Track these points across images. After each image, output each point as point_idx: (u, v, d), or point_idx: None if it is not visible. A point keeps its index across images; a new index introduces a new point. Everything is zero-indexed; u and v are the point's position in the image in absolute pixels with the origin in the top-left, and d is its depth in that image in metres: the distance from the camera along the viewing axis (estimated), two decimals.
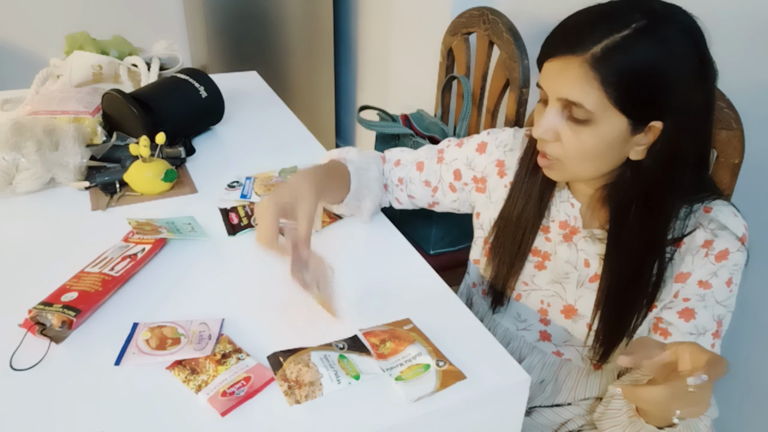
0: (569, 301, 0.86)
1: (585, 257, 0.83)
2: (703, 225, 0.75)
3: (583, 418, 0.91)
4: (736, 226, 0.75)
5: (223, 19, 2.47)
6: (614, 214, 0.77)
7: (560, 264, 0.86)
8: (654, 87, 0.67)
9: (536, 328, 0.92)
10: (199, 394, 0.64)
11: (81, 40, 1.44)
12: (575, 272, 0.85)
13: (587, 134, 0.70)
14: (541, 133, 0.73)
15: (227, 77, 1.75)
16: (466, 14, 1.55)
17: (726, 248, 0.74)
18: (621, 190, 0.76)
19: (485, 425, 0.70)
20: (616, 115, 0.68)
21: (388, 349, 0.71)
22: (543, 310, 0.90)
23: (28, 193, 1.06)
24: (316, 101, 2.80)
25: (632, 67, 0.66)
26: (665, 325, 0.79)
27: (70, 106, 1.25)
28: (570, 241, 0.84)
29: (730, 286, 0.76)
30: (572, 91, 0.68)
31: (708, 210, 0.76)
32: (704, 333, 0.77)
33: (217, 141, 1.32)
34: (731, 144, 0.86)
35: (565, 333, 0.89)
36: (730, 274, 0.75)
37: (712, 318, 0.77)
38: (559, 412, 0.93)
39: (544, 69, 0.72)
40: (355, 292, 0.83)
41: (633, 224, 0.75)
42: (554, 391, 0.93)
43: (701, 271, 0.75)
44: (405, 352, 0.70)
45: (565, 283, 0.86)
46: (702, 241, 0.75)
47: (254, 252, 0.92)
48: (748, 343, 1.13)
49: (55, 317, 0.71)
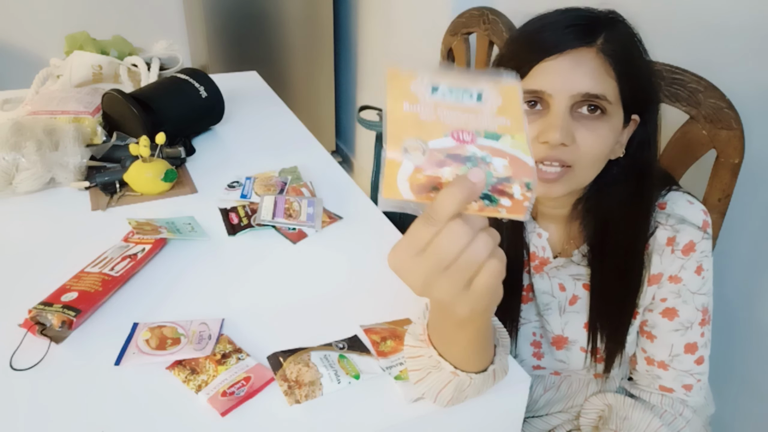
0: (556, 332, 0.84)
1: (558, 281, 0.82)
2: (661, 223, 0.74)
3: (571, 423, 0.91)
4: (694, 215, 0.74)
5: (223, 19, 2.47)
6: (597, 225, 0.76)
7: (540, 296, 0.84)
8: (641, 75, 0.68)
9: (529, 363, 0.89)
10: (199, 394, 0.64)
11: (81, 40, 1.44)
12: (554, 300, 0.83)
13: (605, 128, 0.66)
14: (561, 137, 0.64)
15: (227, 77, 1.76)
16: (466, 14, 1.55)
17: (690, 240, 0.74)
18: (604, 193, 0.73)
19: (485, 425, 0.70)
20: (620, 108, 0.68)
21: (389, 348, 0.71)
22: (536, 343, 0.87)
23: (28, 193, 1.06)
24: (316, 101, 2.81)
25: (628, 55, 0.67)
26: (649, 328, 0.80)
27: (70, 106, 1.25)
28: (542, 272, 0.83)
29: (701, 273, 0.75)
30: (593, 84, 0.64)
31: (663, 206, 0.75)
32: (690, 326, 0.77)
33: (217, 141, 1.32)
34: (731, 144, 0.86)
35: (559, 363, 0.87)
36: (698, 262, 0.75)
37: (694, 309, 0.76)
38: (548, 420, 0.92)
39: (541, 69, 0.66)
40: (355, 292, 0.83)
41: (618, 229, 0.74)
42: (550, 403, 0.92)
43: (671, 268, 0.75)
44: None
45: (547, 315, 0.84)
46: (665, 239, 0.74)
47: (254, 252, 0.92)
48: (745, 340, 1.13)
49: (55, 317, 0.71)
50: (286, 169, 1.16)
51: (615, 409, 0.82)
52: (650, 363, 0.80)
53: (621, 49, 0.66)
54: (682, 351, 0.78)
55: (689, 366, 0.78)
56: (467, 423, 0.68)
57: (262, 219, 0.97)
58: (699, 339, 0.77)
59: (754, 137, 0.93)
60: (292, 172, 1.15)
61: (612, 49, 0.65)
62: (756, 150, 0.98)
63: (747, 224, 1.07)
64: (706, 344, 0.78)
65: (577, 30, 0.66)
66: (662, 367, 0.79)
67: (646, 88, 0.69)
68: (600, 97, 0.65)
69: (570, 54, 0.65)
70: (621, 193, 0.73)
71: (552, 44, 0.66)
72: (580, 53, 0.65)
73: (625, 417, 0.80)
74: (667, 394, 0.80)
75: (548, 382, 0.91)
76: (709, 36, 0.93)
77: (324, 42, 2.69)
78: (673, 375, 0.79)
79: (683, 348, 0.78)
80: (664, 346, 0.78)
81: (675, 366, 0.78)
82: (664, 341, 0.78)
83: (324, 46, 2.70)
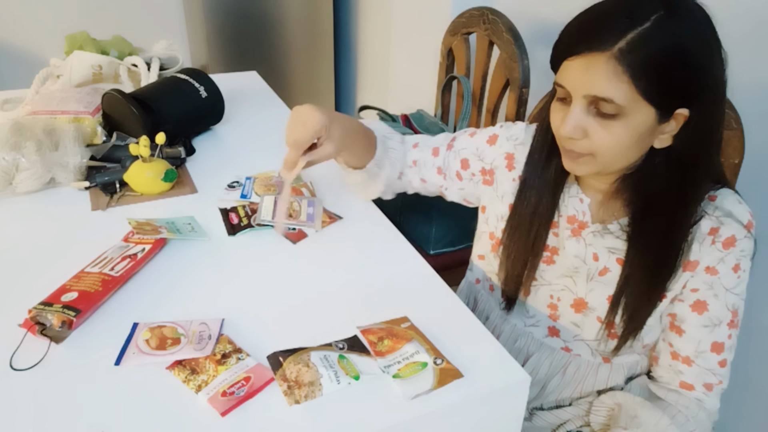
0: (580, 295, 0.86)
1: (594, 251, 0.83)
2: (708, 213, 0.75)
3: (582, 419, 0.91)
4: (741, 212, 0.75)
5: (223, 19, 2.47)
6: (639, 204, 0.77)
7: (569, 258, 0.85)
8: (680, 76, 0.67)
9: (545, 323, 0.91)
10: (199, 394, 0.64)
11: (81, 40, 1.44)
12: (584, 266, 0.84)
13: (619, 128, 0.70)
14: (569, 132, 0.72)
15: (227, 77, 1.76)
16: (466, 14, 1.55)
17: (732, 235, 0.75)
18: (646, 178, 0.75)
19: (485, 425, 0.70)
20: (645, 107, 0.69)
21: (386, 347, 0.71)
22: (552, 305, 0.90)
23: (28, 193, 1.06)
24: (316, 101, 2.78)
25: (659, 58, 0.66)
26: (679, 322, 0.80)
27: (70, 106, 1.25)
28: (579, 236, 0.84)
29: (737, 272, 0.76)
30: (601, 88, 0.68)
31: (713, 198, 0.76)
32: (719, 324, 0.77)
33: (217, 141, 1.32)
34: (731, 144, 0.86)
35: (574, 327, 0.88)
36: (737, 260, 0.76)
37: (725, 307, 0.77)
38: (558, 414, 0.93)
39: (564, 67, 0.72)
40: (354, 292, 0.83)
41: (660, 212, 0.75)
42: (558, 387, 0.93)
43: (708, 258, 0.76)
44: (403, 350, 0.71)
45: (575, 277, 0.86)
46: (708, 228, 0.75)
47: (254, 252, 0.92)
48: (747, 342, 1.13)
49: (55, 317, 0.71)
50: None
51: (625, 408, 0.82)
52: (675, 358, 0.81)
53: (648, 52, 0.65)
54: (709, 348, 0.78)
55: (713, 365, 0.79)
56: (467, 423, 0.68)
57: (262, 219, 0.97)
58: (726, 340, 0.78)
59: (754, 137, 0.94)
60: None
61: (631, 53, 0.65)
62: (756, 150, 0.98)
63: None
64: (731, 348, 0.79)
65: (598, 33, 0.68)
66: (686, 362, 0.80)
67: (690, 85, 0.68)
68: (607, 100, 0.68)
69: (585, 57, 0.68)
70: (664, 180, 0.74)
71: (572, 45, 0.70)
72: (593, 57, 0.68)
73: (634, 415, 0.80)
74: (686, 392, 0.80)
75: (556, 358, 0.92)
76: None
77: (324, 42, 2.69)
78: (696, 372, 0.79)
79: (710, 345, 0.78)
80: (692, 342, 0.79)
81: (699, 363, 0.79)
82: (691, 336, 0.79)
83: (324, 46, 2.70)
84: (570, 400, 0.93)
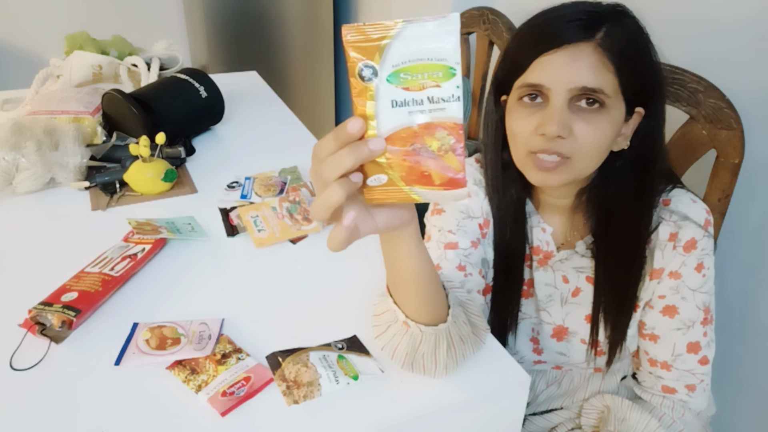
0: (557, 323, 0.85)
1: (562, 274, 0.83)
2: (664, 218, 0.75)
3: (573, 421, 0.91)
4: (697, 213, 0.75)
5: (223, 19, 2.47)
6: (600, 217, 0.76)
7: (541, 288, 0.84)
8: (645, 70, 0.68)
9: (529, 358, 0.89)
10: (199, 394, 0.64)
11: (81, 40, 1.44)
12: (556, 291, 0.84)
13: (604, 121, 0.67)
14: (558, 130, 0.66)
15: (227, 77, 1.76)
16: (466, 14, 1.55)
17: (692, 237, 0.74)
18: (604, 186, 0.75)
19: (485, 425, 0.70)
20: (620, 102, 0.68)
21: None
22: (534, 339, 0.88)
23: (28, 193, 1.06)
24: (316, 101, 2.80)
25: (632, 49, 0.67)
26: (650, 330, 0.80)
27: (70, 106, 1.25)
28: (546, 265, 0.83)
29: (701, 270, 0.76)
30: (590, 78, 0.65)
31: (667, 202, 0.76)
32: (692, 325, 0.77)
33: (217, 141, 1.32)
34: (731, 144, 0.86)
35: (559, 356, 0.87)
36: (699, 260, 0.75)
37: (695, 308, 0.76)
38: (550, 417, 0.92)
39: (538, 64, 0.68)
40: (354, 292, 0.83)
41: (620, 223, 0.75)
42: (551, 398, 0.92)
43: (672, 263, 0.76)
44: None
45: (549, 307, 0.85)
46: (667, 235, 0.75)
47: (254, 252, 0.92)
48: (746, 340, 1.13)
49: (55, 317, 0.71)
50: (286, 169, 1.16)
51: (613, 411, 0.82)
52: (653, 364, 0.81)
53: (622, 43, 0.66)
54: (685, 350, 0.78)
55: (692, 366, 0.78)
56: (467, 423, 0.68)
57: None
58: (702, 338, 0.77)
59: (754, 137, 0.94)
60: (291, 172, 1.15)
61: (612, 43, 0.66)
62: (756, 150, 0.98)
63: (747, 224, 1.07)
64: (709, 344, 0.78)
65: (576, 25, 0.67)
66: (665, 367, 0.79)
67: (650, 82, 0.69)
68: (597, 91, 0.66)
69: (568, 49, 0.66)
70: (624, 184, 0.74)
71: (551, 39, 0.67)
72: (578, 48, 0.66)
73: (623, 419, 0.80)
74: (669, 395, 0.80)
75: (550, 376, 0.92)
76: (709, 36, 0.93)
77: (324, 42, 2.69)
78: (675, 375, 0.79)
79: (685, 347, 0.78)
80: (667, 347, 0.78)
81: (678, 366, 0.78)
82: (666, 341, 0.78)
83: (324, 46, 2.70)
84: (562, 405, 0.93)
